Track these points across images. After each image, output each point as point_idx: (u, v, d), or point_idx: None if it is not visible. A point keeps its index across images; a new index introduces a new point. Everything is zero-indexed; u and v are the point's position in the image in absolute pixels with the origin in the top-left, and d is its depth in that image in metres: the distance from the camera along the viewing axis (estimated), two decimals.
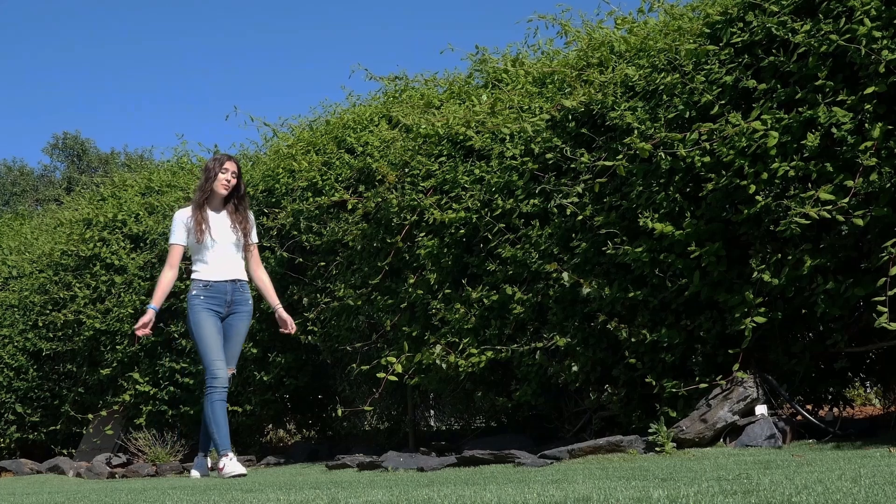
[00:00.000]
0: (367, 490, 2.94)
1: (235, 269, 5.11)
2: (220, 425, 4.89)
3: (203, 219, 5.05)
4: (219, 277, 5.04)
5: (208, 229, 5.03)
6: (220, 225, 5.09)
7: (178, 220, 5.10)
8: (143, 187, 7.95)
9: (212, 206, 5.12)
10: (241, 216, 5.14)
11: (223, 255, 5.06)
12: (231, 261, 5.09)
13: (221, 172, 5.08)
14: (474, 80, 6.20)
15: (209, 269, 5.04)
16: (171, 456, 6.49)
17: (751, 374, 4.00)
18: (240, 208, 5.15)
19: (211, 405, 4.90)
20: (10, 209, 21.75)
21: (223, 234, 5.07)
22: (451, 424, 7.31)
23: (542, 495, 2.34)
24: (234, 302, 5.07)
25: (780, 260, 3.84)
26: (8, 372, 8.09)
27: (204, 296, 5.00)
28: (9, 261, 9.07)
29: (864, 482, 2.26)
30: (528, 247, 4.72)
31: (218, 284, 5.03)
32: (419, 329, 5.24)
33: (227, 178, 5.08)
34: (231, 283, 5.06)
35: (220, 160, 5.11)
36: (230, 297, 5.05)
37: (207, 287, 5.01)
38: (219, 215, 5.13)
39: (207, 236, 5.02)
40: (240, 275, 5.12)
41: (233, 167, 5.10)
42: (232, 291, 5.06)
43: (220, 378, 4.90)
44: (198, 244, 5.04)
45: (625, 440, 4.00)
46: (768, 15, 3.95)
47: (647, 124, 4.27)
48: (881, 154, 3.53)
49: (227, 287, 5.05)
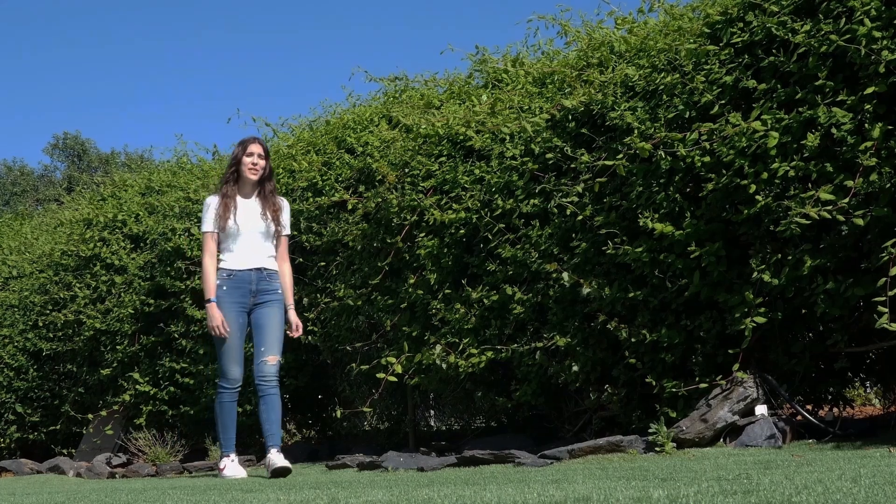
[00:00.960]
0: (367, 490, 2.94)
1: (262, 258, 4.88)
2: (226, 426, 4.82)
3: (229, 205, 4.84)
4: (243, 266, 4.83)
5: (233, 216, 4.82)
6: (247, 212, 4.88)
7: (208, 206, 4.90)
8: (143, 187, 7.95)
9: (242, 192, 4.91)
10: (270, 202, 4.90)
11: (249, 242, 4.85)
12: (258, 249, 4.87)
13: (247, 156, 4.88)
14: (474, 81, 6.21)
15: (233, 258, 4.85)
16: (171, 456, 6.49)
17: (751, 374, 4.00)
18: (269, 194, 4.91)
19: (219, 405, 4.82)
20: (11, 209, 21.76)
21: (250, 222, 4.85)
22: (451, 424, 7.31)
23: (542, 495, 2.34)
24: (259, 291, 4.84)
25: (780, 260, 3.84)
26: (8, 372, 8.09)
27: (227, 286, 4.81)
28: (9, 261, 9.07)
29: (864, 482, 2.26)
30: (528, 247, 4.72)
31: (242, 273, 4.83)
32: (419, 329, 5.24)
33: (254, 161, 4.87)
34: (256, 271, 4.84)
35: (244, 143, 4.91)
36: (255, 286, 4.83)
37: (231, 277, 4.82)
38: (248, 201, 4.91)
39: (232, 223, 4.81)
40: (266, 263, 4.89)
41: (258, 149, 4.89)
42: (257, 280, 4.84)
43: (230, 378, 4.78)
44: (223, 232, 4.85)
45: (625, 440, 4.00)
46: (768, 15, 3.95)
47: (647, 124, 4.27)
48: (881, 154, 3.53)
49: (251, 276, 4.83)
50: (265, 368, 4.76)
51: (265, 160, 4.90)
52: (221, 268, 4.84)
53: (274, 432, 4.74)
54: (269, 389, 4.75)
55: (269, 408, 4.75)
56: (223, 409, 4.80)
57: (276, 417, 4.76)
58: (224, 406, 4.80)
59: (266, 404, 4.75)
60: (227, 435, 4.82)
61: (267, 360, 4.77)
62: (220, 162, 7.74)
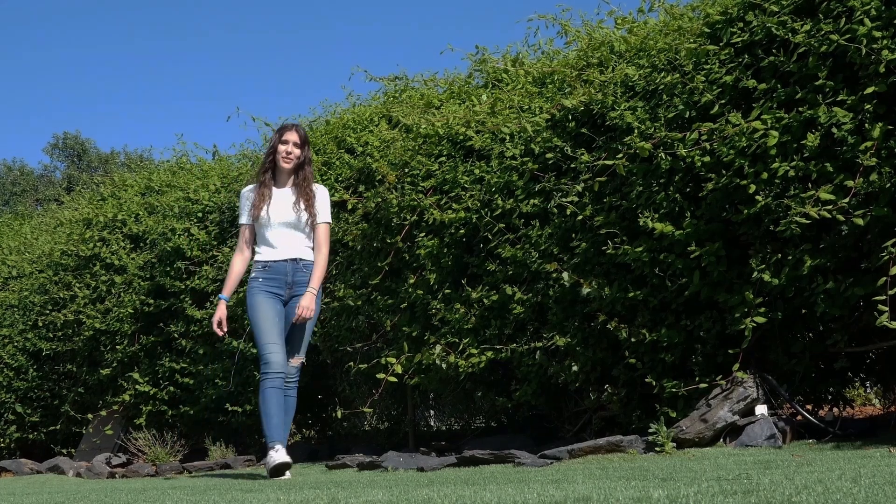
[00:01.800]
0: (367, 490, 2.94)
1: (297, 248, 4.72)
2: (269, 415, 4.53)
3: (262, 195, 4.71)
4: (278, 257, 4.70)
5: (266, 206, 4.69)
6: (280, 201, 4.73)
7: (243, 197, 4.79)
8: (143, 187, 7.95)
9: (277, 181, 4.78)
10: (304, 191, 4.74)
11: (283, 233, 4.71)
12: (292, 239, 4.72)
13: (281, 144, 4.73)
14: (474, 80, 6.20)
15: (269, 250, 4.72)
16: (170, 456, 6.49)
17: (751, 374, 4.00)
18: (303, 182, 4.75)
19: (262, 392, 4.56)
20: (10, 209, 21.75)
21: (282, 211, 4.71)
22: (451, 424, 7.31)
23: (542, 495, 2.34)
24: (295, 283, 4.70)
25: (780, 260, 3.84)
26: (8, 372, 8.09)
27: (262, 277, 4.68)
28: (9, 261, 9.07)
29: (864, 482, 2.26)
30: (528, 247, 4.72)
31: (277, 265, 4.69)
32: (419, 329, 5.24)
33: (288, 149, 4.72)
34: (292, 262, 4.70)
35: (280, 130, 4.76)
36: (291, 277, 4.69)
37: (266, 268, 4.69)
38: (283, 191, 4.76)
39: (264, 213, 4.69)
40: (302, 254, 4.73)
41: (294, 137, 4.73)
42: (293, 272, 4.69)
43: (272, 363, 4.53)
44: (256, 222, 4.73)
45: (625, 440, 4.00)
46: (768, 15, 3.95)
47: (647, 124, 4.27)
48: (881, 154, 3.53)
49: (286, 267, 4.69)
50: (286, 369, 4.66)
51: (300, 148, 4.75)
52: (258, 260, 4.74)
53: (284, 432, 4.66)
54: (288, 391, 4.67)
55: (284, 409, 4.64)
56: (265, 396, 4.54)
57: (289, 420, 4.70)
58: (266, 392, 4.54)
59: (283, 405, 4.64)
60: (273, 423, 4.54)
61: (291, 361, 4.68)
62: (220, 162, 7.74)
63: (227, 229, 6.73)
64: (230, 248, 6.54)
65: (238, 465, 5.83)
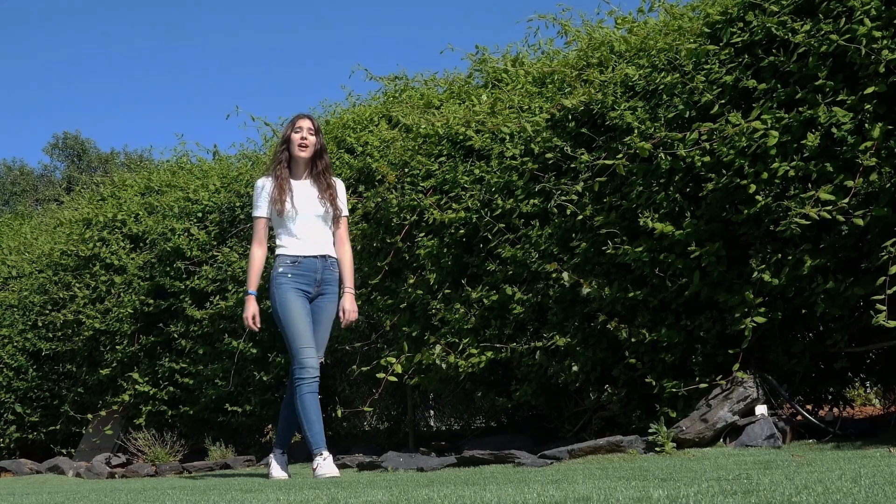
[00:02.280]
0: (367, 490, 2.94)
1: (325, 244, 4.56)
2: (311, 421, 4.34)
3: (284, 188, 4.52)
4: (308, 252, 4.50)
5: (290, 199, 4.50)
6: (304, 194, 4.55)
7: (259, 189, 4.59)
8: (143, 187, 7.95)
9: (295, 173, 4.61)
10: (325, 183, 4.58)
11: (310, 227, 4.52)
12: (320, 234, 4.55)
13: (295, 132, 4.57)
14: (474, 80, 6.20)
15: (297, 244, 4.50)
16: (170, 456, 6.49)
17: (751, 374, 4.00)
18: (323, 172, 4.59)
19: (300, 399, 4.35)
20: (10, 209, 21.76)
21: (308, 204, 4.53)
22: (451, 424, 7.31)
23: (542, 495, 2.34)
24: (323, 281, 4.52)
25: (780, 260, 3.84)
26: (7, 372, 8.09)
27: (292, 273, 4.46)
28: (8, 261, 9.07)
29: (864, 482, 2.26)
30: (528, 247, 4.72)
31: (307, 260, 4.49)
32: (419, 329, 5.24)
33: (303, 136, 4.55)
34: (321, 258, 4.52)
35: (292, 120, 4.61)
36: (320, 275, 4.50)
37: (296, 264, 4.47)
38: (303, 183, 4.59)
39: (289, 206, 4.49)
40: (329, 250, 4.57)
41: (307, 123, 4.58)
42: (322, 269, 4.51)
43: (309, 368, 4.36)
44: (279, 217, 4.51)
45: (625, 440, 4.00)
46: (768, 15, 3.95)
47: (647, 124, 4.27)
48: (881, 154, 3.53)
49: (317, 264, 4.50)
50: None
51: (315, 136, 4.59)
52: (284, 254, 4.51)
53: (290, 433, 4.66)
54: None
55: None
56: (304, 401, 4.34)
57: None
58: (305, 398, 4.34)
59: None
60: (315, 429, 4.34)
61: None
62: (220, 162, 7.74)
63: (227, 229, 6.73)
64: (230, 248, 6.54)
65: (238, 466, 5.83)
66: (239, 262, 6.37)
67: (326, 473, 4.22)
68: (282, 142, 4.64)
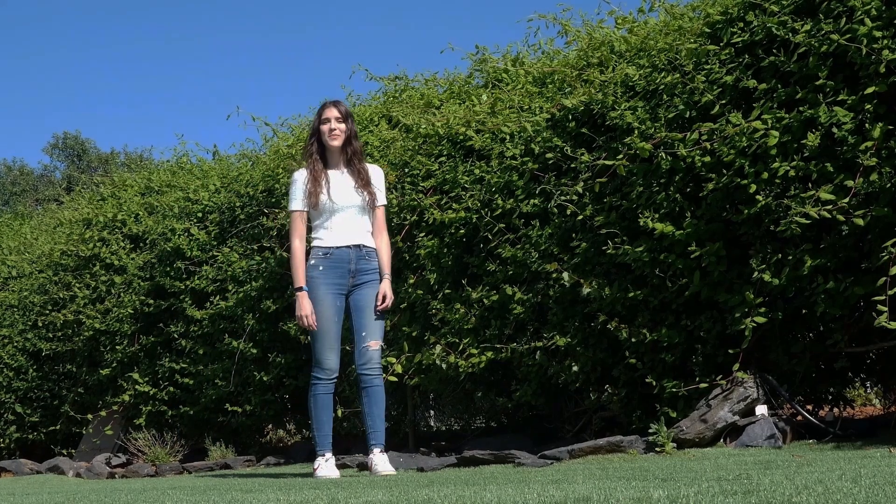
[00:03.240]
0: (367, 490, 2.94)
1: (360, 234, 4.43)
2: (320, 422, 4.33)
3: (319, 180, 4.42)
4: (340, 243, 4.39)
5: (326, 191, 4.40)
6: (340, 184, 4.45)
7: (297, 182, 4.47)
8: (143, 187, 7.95)
9: (329, 162, 4.49)
10: (360, 171, 4.47)
11: (346, 218, 4.42)
12: (355, 224, 4.43)
13: (322, 124, 4.46)
14: (474, 80, 6.20)
15: (331, 235, 4.40)
16: (170, 456, 6.49)
17: (751, 375, 4.00)
18: (357, 160, 4.48)
19: (313, 398, 4.34)
20: (10, 209, 21.75)
21: (345, 195, 4.43)
22: (451, 424, 7.31)
23: (542, 495, 2.34)
24: (358, 271, 4.39)
25: (781, 260, 3.83)
26: (8, 372, 8.09)
27: (323, 266, 4.37)
28: (8, 261, 9.07)
29: (865, 482, 2.26)
30: (528, 247, 4.72)
31: (340, 251, 4.38)
32: (419, 329, 5.24)
33: (331, 126, 4.43)
34: (355, 248, 4.40)
35: (319, 110, 4.50)
36: (354, 265, 4.39)
37: (328, 255, 4.37)
38: (338, 173, 4.48)
39: (325, 198, 4.39)
40: (365, 240, 4.45)
41: (334, 112, 4.45)
42: (356, 259, 4.39)
43: (326, 369, 4.31)
44: (315, 209, 4.42)
45: (625, 440, 4.00)
46: (769, 15, 3.95)
47: (647, 124, 4.27)
48: (881, 154, 3.53)
49: (349, 254, 4.39)
50: (367, 354, 4.36)
51: (344, 122, 4.47)
52: (316, 246, 4.42)
53: (378, 429, 4.37)
54: (372, 379, 4.37)
55: (371, 400, 4.37)
56: (318, 402, 4.33)
57: (380, 412, 4.39)
58: (319, 399, 4.32)
59: (369, 396, 4.37)
60: (323, 431, 4.33)
61: (369, 345, 4.37)
62: (220, 162, 7.74)
63: (227, 229, 6.73)
64: (230, 248, 6.54)
65: (238, 466, 5.83)
66: (239, 263, 6.37)
67: (327, 475, 4.21)
68: (311, 134, 4.55)
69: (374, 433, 4.37)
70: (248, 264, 6.33)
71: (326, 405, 4.35)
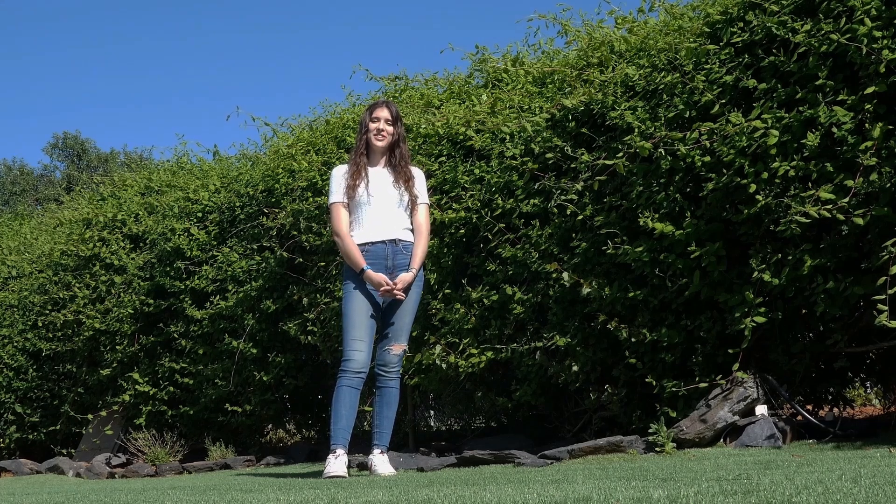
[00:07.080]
0: (367, 490, 2.94)
1: (396, 229, 4.39)
2: (339, 415, 4.22)
3: (356, 173, 4.41)
4: (377, 238, 4.36)
5: (363, 184, 4.38)
6: (378, 180, 4.43)
7: (335, 176, 4.47)
8: (143, 187, 7.95)
9: (371, 161, 4.48)
10: (401, 171, 4.45)
11: (382, 213, 4.38)
12: (391, 219, 4.39)
13: (372, 122, 4.45)
14: (474, 80, 6.20)
15: (367, 231, 4.38)
16: (170, 456, 6.49)
17: (751, 374, 4.00)
18: (400, 162, 4.46)
19: (338, 390, 4.23)
20: (10, 209, 21.75)
21: (382, 190, 4.40)
22: (451, 424, 7.32)
23: (542, 495, 2.34)
24: (395, 267, 4.34)
25: (781, 260, 3.83)
26: (7, 372, 8.09)
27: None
28: (8, 261, 9.07)
29: (864, 482, 2.26)
30: (528, 247, 4.72)
31: (376, 247, 4.35)
32: (419, 329, 5.24)
33: (380, 126, 4.43)
34: (391, 243, 4.36)
35: (370, 108, 4.50)
36: (391, 261, 4.34)
37: (366, 252, 4.33)
38: (378, 170, 4.47)
39: (363, 191, 4.37)
40: (402, 234, 4.39)
41: (385, 113, 4.45)
42: (393, 255, 4.35)
43: (353, 361, 4.21)
44: (352, 202, 4.40)
45: (625, 440, 4.00)
46: (768, 15, 3.95)
47: (647, 124, 4.27)
48: (881, 154, 3.53)
49: (386, 250, 4.35)
50: (387, 357, 4.34)
51: (393, 125, 4.46)
52: (354, 241, 4.39)
53: (384, 430, 4.35)
54: (388, 381, 4.35)
55: (384, 401, 4.36)
56: (339, 394, 4.21)
57: (391, 414, 4.36)
58: (341, 391, 4.21)
59: (382, 397, 4.35)
60: (339, 424, 4.22)
61: (391, 348, 4.34)
62: (220, 162, 7.74)
63: (227, 229, 6.73)
64: (230, 248, 6.54)
65: (238, 466, 5.83)
66: (239, 262, 6.37)
67: (333, 473, 4.14)
68: (360, 131, 4.52)
69: (379, 433, 4.34)
70: (247, 264, 6.33)
71: (346, 399, 4.22)
